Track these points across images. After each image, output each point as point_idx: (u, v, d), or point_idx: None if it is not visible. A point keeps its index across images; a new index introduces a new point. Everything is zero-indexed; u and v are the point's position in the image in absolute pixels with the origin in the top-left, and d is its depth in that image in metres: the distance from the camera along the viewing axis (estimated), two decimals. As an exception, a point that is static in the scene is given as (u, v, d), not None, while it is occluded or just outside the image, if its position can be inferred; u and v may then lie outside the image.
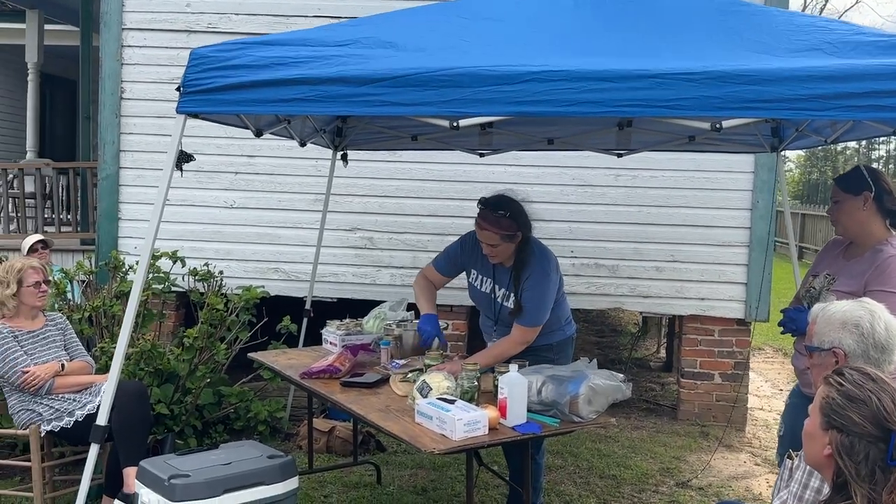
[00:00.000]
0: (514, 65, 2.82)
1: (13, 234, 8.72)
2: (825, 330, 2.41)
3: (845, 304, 2.42)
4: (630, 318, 10.78)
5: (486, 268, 3.89)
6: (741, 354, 6.24)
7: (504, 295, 3.82)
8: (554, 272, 3.78)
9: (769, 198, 6.10)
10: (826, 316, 2.42)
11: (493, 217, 3.68)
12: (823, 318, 2.43)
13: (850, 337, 2.35)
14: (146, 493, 3.05)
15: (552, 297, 3.76)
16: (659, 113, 2.76)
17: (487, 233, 3.70)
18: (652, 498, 4.69)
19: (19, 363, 3.99)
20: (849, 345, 2.35)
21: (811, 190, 42.98)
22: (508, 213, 3.69)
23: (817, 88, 2.65)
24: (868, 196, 3.22)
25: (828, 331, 2.40)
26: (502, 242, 3.70)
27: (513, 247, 3.74)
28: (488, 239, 3.71)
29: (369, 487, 4.71)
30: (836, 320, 2.39)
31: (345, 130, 5.27)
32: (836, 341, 2.37)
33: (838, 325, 2.38)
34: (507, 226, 3.67)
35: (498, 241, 3.69)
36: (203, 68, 3.07)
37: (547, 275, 3.73)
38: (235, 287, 5.86)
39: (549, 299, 3.74)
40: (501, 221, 3.67)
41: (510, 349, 3.67)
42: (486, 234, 3.70)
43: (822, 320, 2.43)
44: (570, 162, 6.02)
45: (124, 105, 6.47)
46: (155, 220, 3.31)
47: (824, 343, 2.40)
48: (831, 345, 2.38)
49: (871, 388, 1.85)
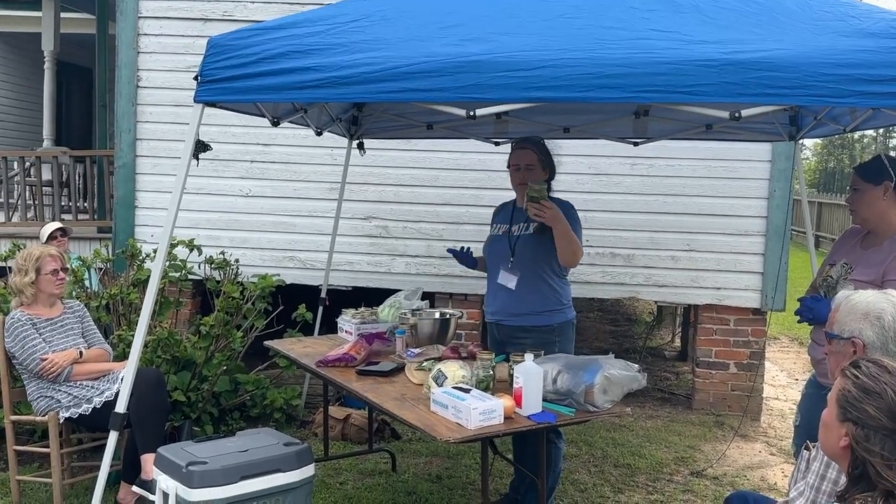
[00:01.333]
0: (531, 51, 2.80)
1: (31, 222, 8.77)
2: (847, 319, 2.39)
3: (870, 295, 2.40)
4: (645, 308, 10.75)
5: (506, 216, 4.06)
6: (757, 344, 6.21)
7: (521, 227, 3.91)
8: (576, 211, 3.91)
9: (786, 186, 6.05)
10: (850, 305, 2.40)
11: (534, 141, 3.99)
12: (847, 306, 2.41)
13: (870, 329, 2.33)
14: (164, 479, 3.07)
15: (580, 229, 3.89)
16: (678, 99, 2.73)
17: (528, 152, 3.92)
18: (667, 487, 4.68)
19: (38, 350, 4.03)
20: (868, 336, 2.33)
21: (828, 178, 42.67)
22: (544, 143, 4.01)
23: (838, 75, 2.62)
24: (889, 186, 3.19)
25: (849, 320, 2.38)
26: (538, 166, 3.91)
27: (543, 179, 3.87)
28: (526, 158, 3.91)
29: (384, 475, 4.73)
30: (860, 310, 2.36)
31: (360, 119, 5.27)
32: (856, 331, 2.35)
33: (860, 316, 2.36)
34: (546, 152, 3.96)
35: (535, 161, 3.90)
36: (220, 57, 3.07)
37: (570, 204, 3.90)
38: (251, 275, 5.88)
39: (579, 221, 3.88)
40: (543, 147, 3.97)
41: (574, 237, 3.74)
42: (526, 153, 3.92)
43: (844, 308, 2.41)
44: (585, 150, 6.00)
45: (140, 93, 6.49)
46: (173, 209, 3.33)
47: (844, 332, 2.39)
48: (851, 334, 2.36)
49: (887, 380, 1.84)
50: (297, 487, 3.18)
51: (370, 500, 4.33)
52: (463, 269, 6.07)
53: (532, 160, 3.91)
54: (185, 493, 2.99)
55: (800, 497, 2.39)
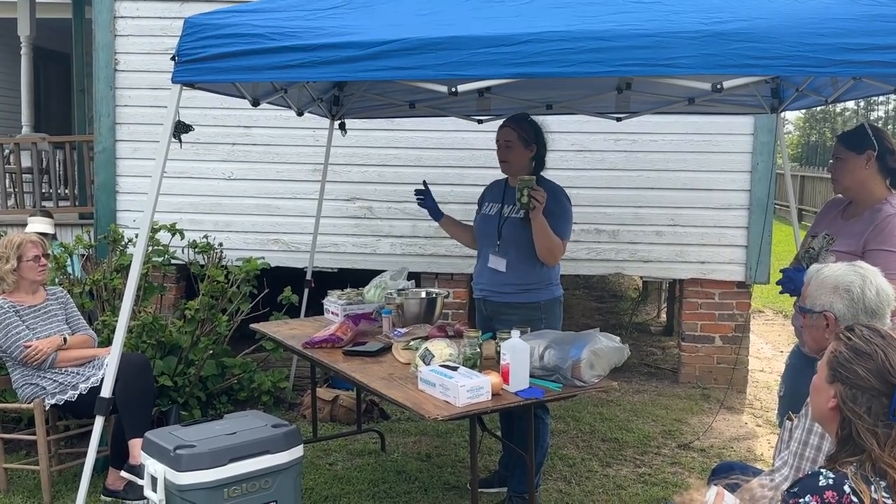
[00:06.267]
0: (512, 26, 2.78)
1: (11, 210, 8.69)
2: (817, 293, 2.42)
3: (839, 268, 2.43)
4: (630, 284, 10.80)
5: (497, 194, 4.03)
6: (741, 317, 6.26)
7: (512, 209, 3.89)
8: (566, 198, 3.90)
9: (769, 160, 6.07)
10: (819, 279, 2.43)
11: (516, 118, 3.95)
12: (817, 281, 2.44)
13: (840, 301, 2.36)
14: (152, 463, 3.07)
15: (570, 214, 3.88)
16: (660, 72, 2.72)
17: (506, 129, 3.91)
18: (654, 460, 4.72)
19: (21, 337, 4.00)
20: (839, 309, 2.36)
21: (810, 152, 42.86)
22: (530, 120, 3.95)
23: (819, 45, 2.62)
24: (871, 155, 3.20)
25: (819, 294, 2.41)
26: (518, 143, 3.88)
27: (526, 157, 3.89)
28: (505, 135, 3.90)
29: (374, 455, 4.74)
30: (829, 284, 2.40)
31: (342, 99, 5.23)
32: (826, 305, 2.39)
33: (830, 289, 2.39)
34: (525, 129, 3.90)
35: (514, 138, 3.88)
36: (197, 37, 3.03)
37: (561, 190, 3.88)
38: (235, 259, 5.86)
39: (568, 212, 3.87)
40: (523, 123, 3.92)
41: (553, 237, 3.73)
42: (504, 130, 3.91)
43: (815, 283, 2.44)
44: (568, 127, 5.98)
45: (119, 77, 6.41)
46: (153, 193, 3.30)
47: (815, 306, 2.42)
48: (822, 308, 2.40)
49: (879, 343, 1.86)
50: (285, 469, 3.18)
51: (360, 480, 4.34)
52: (449, 248, 6.07)
53: (510, 137, 3.89)
54: (173, 476, 2.98)
55: (784, 466, 2.42)
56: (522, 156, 3.89)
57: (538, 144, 3.93)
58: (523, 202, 3.61)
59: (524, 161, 3.90)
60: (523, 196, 3.60)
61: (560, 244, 3.78)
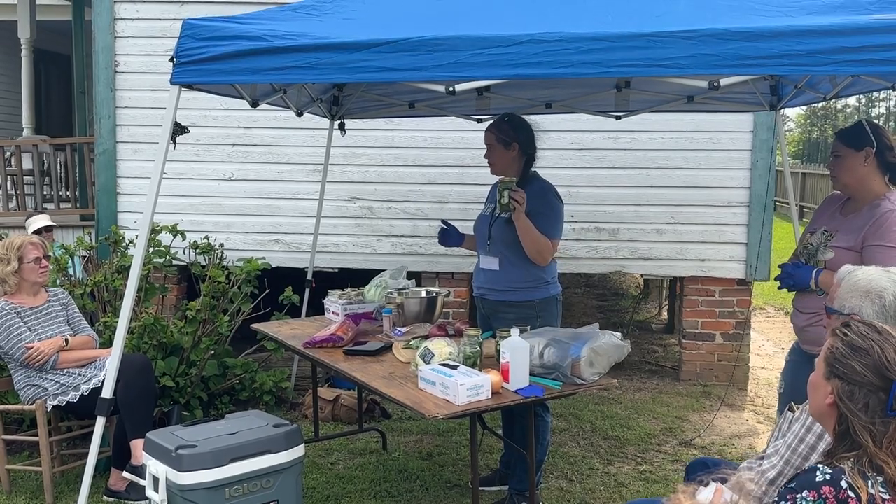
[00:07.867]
0: (510, 27, 2.79)
1: (13, 212, 8.70)
2: (847, 295, 2.36)
3: (873, 272, 2.37)
4: (631, 282, 10.80)
5: (493, 194, 4.04)
6: (742, 314, 6.26)
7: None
8: (556, 198, 3.89)
9: (768, 157, 6.08)
10: (851, 281, 2.37)
11: (496, 120, 3.98)
12: (849, 282, 2.38)
13: (871, 306, 2.30)
14: (154, 464, 3.08)
15: (560, 213, 3.87)
16: (657, 72, 2.73)
17: (487, 132, 3.93)
18: (655, 458, 4.73)
19: (23, 339, 4.01)
20: (868, 314, 2.29)
21: (811, 149, 42.83)
22: (509, 120, 3.93)
23: (815, 43, 2.62)
24: (870, 151, 3.20)
25: (850, 296, 2.35)
26: (497, 145, 3.89)
27: (508, 157, 3.89)
28: (486, 139, 3.93)
29: (375, 454, 4.75)
30: (861, 287, 2.34)
31: (341, 99, 5.24)
32: (856, 308, 2.33)
33: (862, 293, 2.33)
34: (504, 129, 3.89)
35: (493, 141, 3.89)
36: (196, 38, 3.04)
37: (551, 189, 3.90)
38: (236, 259, 5.86)
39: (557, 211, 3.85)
40: (501, 125, 3.92)
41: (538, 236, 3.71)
42: (486, 134, 3.94)
43: (846, 284, 2.38)
44: (568, 126, 5.99)
45: (119, 79, 6.42)
46: (152, 195, 3.31)
47: (844, 308, 2.36)
48: (851, 311, 2.33)
49: (875, 338, 1.85)
50: (287, 468, 3.19)
51: (361, 479, 4.35)
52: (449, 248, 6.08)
53: (490, 139, 3.90)
54: (175, 476, 2.99)
55: (775, 455, 2.39)
56: (504, 156, 3.88)
57: (520, 143, 3.89)
58: (503, 203, 3.62)
59: (507, 161, 3.89)
60: (503, 197, 3.61)
61: (548, 244, 3.76)
